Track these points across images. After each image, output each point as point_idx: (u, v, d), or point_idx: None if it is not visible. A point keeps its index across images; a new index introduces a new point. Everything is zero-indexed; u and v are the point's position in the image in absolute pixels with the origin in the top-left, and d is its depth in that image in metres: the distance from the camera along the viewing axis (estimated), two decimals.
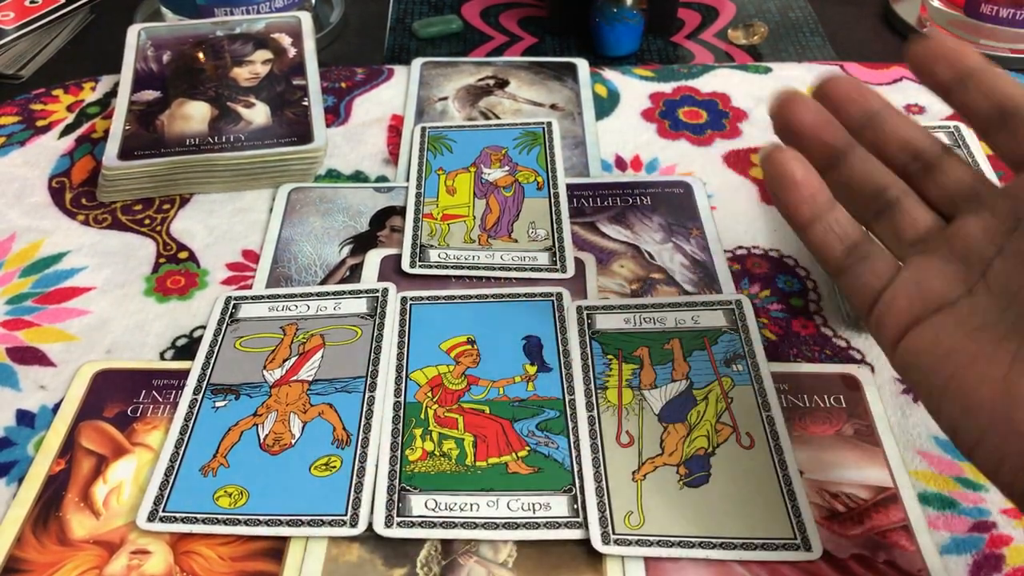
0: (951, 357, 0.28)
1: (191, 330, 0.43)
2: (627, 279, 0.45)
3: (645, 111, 0.56)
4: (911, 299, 0.29)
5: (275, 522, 0.34)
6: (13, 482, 0.36)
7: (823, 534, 0.34)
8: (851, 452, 0.37)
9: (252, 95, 0.54)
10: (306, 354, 0.40)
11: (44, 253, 0.47)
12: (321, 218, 0.48)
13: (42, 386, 0.40)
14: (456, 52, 0.63)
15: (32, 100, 0.57)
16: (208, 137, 0.51)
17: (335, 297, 0.43)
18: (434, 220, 0.47)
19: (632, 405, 0.38)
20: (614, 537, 0.33)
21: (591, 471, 0.36)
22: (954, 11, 0.62)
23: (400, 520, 0.34)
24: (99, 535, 0.34)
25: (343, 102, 0.57)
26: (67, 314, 0.44)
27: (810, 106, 0.32)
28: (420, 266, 0.45)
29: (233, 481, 0.36)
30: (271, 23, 0.59)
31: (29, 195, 0.50)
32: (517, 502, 0.35)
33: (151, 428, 0.38)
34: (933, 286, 0.29)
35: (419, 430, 0.37)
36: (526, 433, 0.37)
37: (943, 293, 0.29)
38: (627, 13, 0.60)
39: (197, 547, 0.34)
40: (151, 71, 0.55)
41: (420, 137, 0.53)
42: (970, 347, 0.28)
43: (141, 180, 0.50)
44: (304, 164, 0.51)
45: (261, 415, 0.38)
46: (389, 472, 0.36)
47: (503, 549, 0.34)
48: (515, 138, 0.53)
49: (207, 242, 0.47)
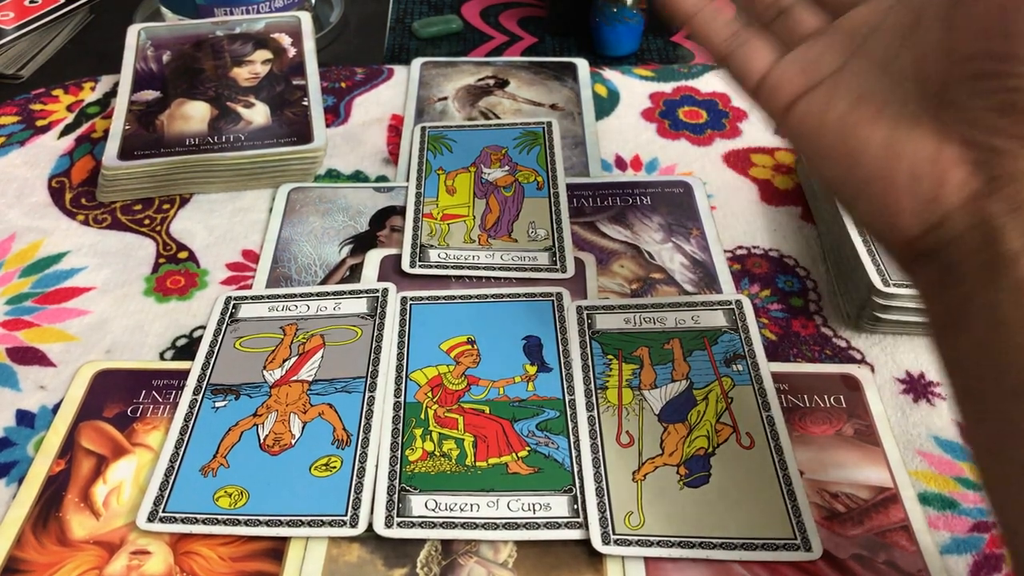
0: (838, 123, 0.30)
1: (191, 330, 0.43)
2: (627, 279, 0.45)
3: (645, 111, 0.56)
4: (796, 73, 0.32)
5: (275, 522, 0.34)
6: (13, 482, 0.36)
7: (823, 534, 0.34)
8: (851, 452, 0.37)
9: (252, 95, 0.54)
10: (306, 354, 0.40)
11: (44, 253, 0.47)
12: (321, 218, 0.48)
13: (42, 386, 0.40)
14: (456, 52, 0.63)
15: (32, 100, 0.57)
16: (208, 137, 0.51)
17: (335, 297, 0.43)
18: (434, 220, 0.47)
19: (632, 405, 0.38)
20: (614, 537, 0.33)
21: (591, 471, 0.35)
22: None
23: (400, 520, 0.34)
24: (99, 535, 0.34)
25: (343, 102, 0.57)
26: (67, 314, 0.44)
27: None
28: (420, 266, 0.45)
29: (233, 481, 0.36)
30: (271, 23, 0.59)
31: (29, 195, 0.50)
32: (517, 502, 0.35)
33: (151, 428, 0.38)
34: (817, 60, 0.32)
35: (419, 430, 0.37)
36: (526, 433, 0.37)
37: (827, 65, 0.31)
38: (627, 13, 0.60)
39: (197, 547, 0.34)
40: (151, 71, 0.55)
41: (420, 137, 0.53)
42: (854, 114, 0.30)
43: (141, 180, 0.49)
44: (304, 164, 0.51)
45: (261, 415, 0.38)
46: (389, 472, 0.36)
47: (503, 549, 0.34)
48: (515, 138, 0.53)
49: (207, 242, 0.47)
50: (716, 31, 0.34)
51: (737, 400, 0.38)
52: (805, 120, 0.32)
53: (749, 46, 0.34)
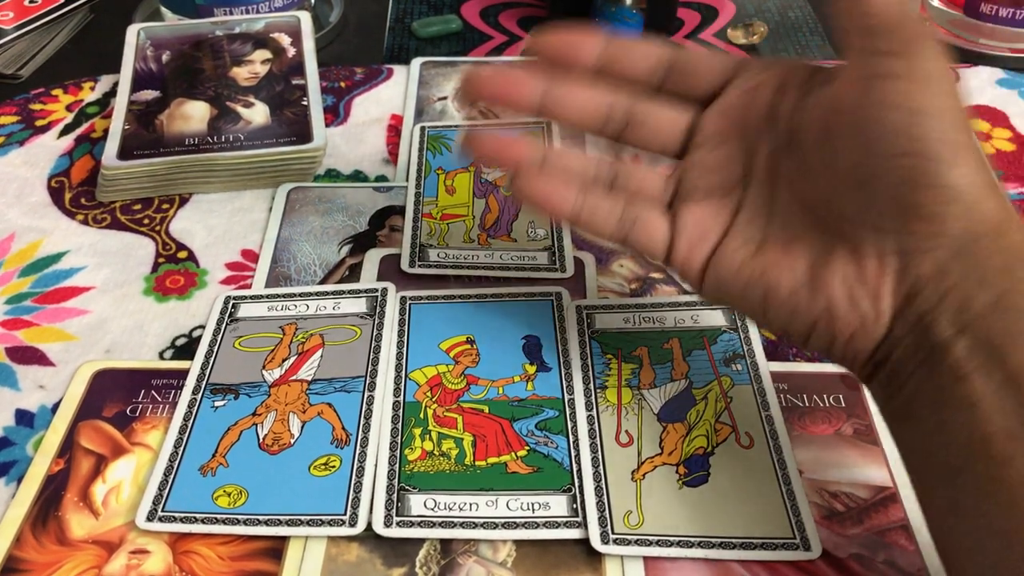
0: (755, 276, 0.31)
1: (190, 330, 0.43)
2: (626, 279, 0.45)
3: None
4: (693, 244, 0.33)
5: (274, 522, 0.34)
6: (12, 482, 0.36)
7: (822, 533, 0.34)
8: (851, 451, 0.37)
9: (251, 95, 0.54)
10: (305, 354, 0.40)
11: (43, 253, 0.47)
12: (320, 218, 0.48)
13: (41, 386, 0.40)
14: (456, 52, 0.63)
15: (31, 100, 0.57)
16: (207, 137, 0.51)
17: (334, 297, 0.43)
18: (433, 220, 0.47)
19: (631, 405, 0.38)
20: (613, 537, 0.33)
21: (590, 471, 0.35)
22: (954, 11, 0.62)
23: (399, 520, 0.34)
24: (98, 535, 0.34)
25: (342, 102, 0.57)
26: (66, 314, 0.44)
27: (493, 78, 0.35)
28: (420, 266, 0.45)
29: (232, 481, 0.36)
30: (270, 23, 0.59)
31: (28, 195, 0.50)
32: (516, 502, 0.35)
33: (150, 428, 0.38)
34: (707, 225, 0.33)
35: (418, 430, 0.37)
36: (525, 433, 0.37)
37: (718, 227, 0.32)
38: (627, 13, 0.59)
39: (196, 547, 0.34)
40: (150, 71, 0.55)
41: (419, 137, 0.53)
42: (763, 262, 0.31)
43: (140, 180, 0.49)
44: (303, 164, 0.51)
45: (260, 415, 0.38)
46: (388, 472, 0.36)
47: (502, 549, 0.34)
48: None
49: (206, 242, 0.47)
50: (603, 221, 0.34)
51: (736, 399, 0.38)
52: (724, 282, 0.32)
53: (640, 223, 0.34)
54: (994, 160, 0.51)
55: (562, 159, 0.35)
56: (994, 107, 0.55)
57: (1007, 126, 0.54)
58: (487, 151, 0.36)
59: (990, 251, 0.27)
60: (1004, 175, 0.50)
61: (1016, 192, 0.49)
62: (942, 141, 0.27)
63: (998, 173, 0.50)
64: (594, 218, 0.34)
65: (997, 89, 0.57)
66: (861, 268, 0.29)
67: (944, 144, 0.27)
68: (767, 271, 0.31)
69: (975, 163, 0.27)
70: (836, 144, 0.29)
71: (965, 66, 0.59)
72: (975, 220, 0.27)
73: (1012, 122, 0.54)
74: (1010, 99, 0.56)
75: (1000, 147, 0.52)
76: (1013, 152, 0.52)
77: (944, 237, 0.27)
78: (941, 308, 0.27)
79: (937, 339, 0.27)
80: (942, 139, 0.27)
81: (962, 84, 0.29)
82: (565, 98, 0.34)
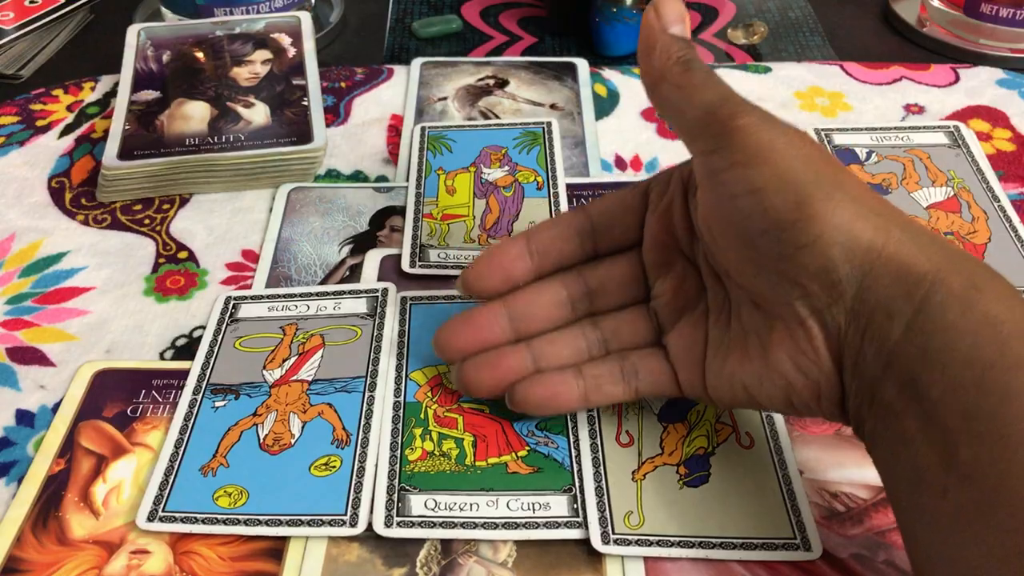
0: (735, 378, 0.32)
1: (191, 330, 0.43)
2: None
3: (645, 111, 0.56)
4: (689, 369, 0.34)
5: (275, 522, 0.34)
6: (13, 482, 0.36)
7: (823, 534, 0.34)
8: (851, 452, 0.37)
9: (252, 95, 0.54)
10: (306, 354, 0.40)
11: (44, 253, 0.47)
12: (321, 218, 0.48)
13: (42, 386, 0.40)
14: (456, 52, 0.63)
15: (32, 100, 0.57)
16: (208, 137, 0.51)
17: (335, 297, 0.43)
18: (434, 220, 0.47)
19: (632, 405, 0.38)
20: (614, 537, 0.33)
21: (591, 471, 0.36)
22: (954, 11, 0.62)
23: (400, 520, 0.34)
24: (99, 535, 0.34)
25: (343, 102, 0.57)
26: (67, 314, 0.44)
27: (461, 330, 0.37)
28: (420, 266, 0.45)
29: (233, 481, 0.36)
30: (271, 23, 0.59)
31: (29, 195, 0.50)
32: (517, 502, 0.35)
33: (151, 428, 0.38)
34: (691, 347, 0.34)
35: (419, 430, 0.37)
36: (526, 433, 0.37)
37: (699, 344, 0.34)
38: (627, 13, 0.60)
39: (197, 547, 0.34)
40: (151, 71, 0.55)
41: (420, 137, 0.53)
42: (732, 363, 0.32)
43: (141, 180, 0.50)
44: (304, 164, 0.51)
45: (261, 415, 0.38)
46: (389, 472, 0.36)
47: (503, 549, 0.34)
48: (515, 138, 0.53)
49: (207, 242, 0.47)
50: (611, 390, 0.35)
51: None
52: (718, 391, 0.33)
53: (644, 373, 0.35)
54: (994, 160, 0.51)
55: (552, 350, 0.36)
56: (994, 107, 0.55)
57: (1007, 126, 0.54)
58: (482, 381, 0.36)
59: (885, 279, 0.27)
60: (1004, 175, 0.50)
61: (1016, 192, 0.49)
62: (791, 204, 0.28)
63: (998, 173, 0.50)
64: (601, 392, 0.35)
65: (997, 89, 0.57)
66: (795, 339, 0.30)
67: (794, 205, 0.28)
68: (736, 370, 0.32)
69: (839, 200, 0.28)
70: (721, 238, 0.31)
71: (965, 66, 0.59)
72: (858, 255, 0.28)
73: (1012, 122, 0.54)
74: (1010, 99, 0.56)
75: (1000, 147, 0.52)
76: (1013, 152, 0.52)
77: (839, 284, 0.28)
78: (864, 349, 0.28)
79: (871, 380, 0.28)
80: (788, 203, 0.28)
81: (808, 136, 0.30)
82: (529, 312, 0.36)
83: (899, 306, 0.27)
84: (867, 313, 0.28)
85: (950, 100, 0.56)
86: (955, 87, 0.57)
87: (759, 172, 0.29)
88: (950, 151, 0.51)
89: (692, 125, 0.31)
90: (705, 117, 0.30)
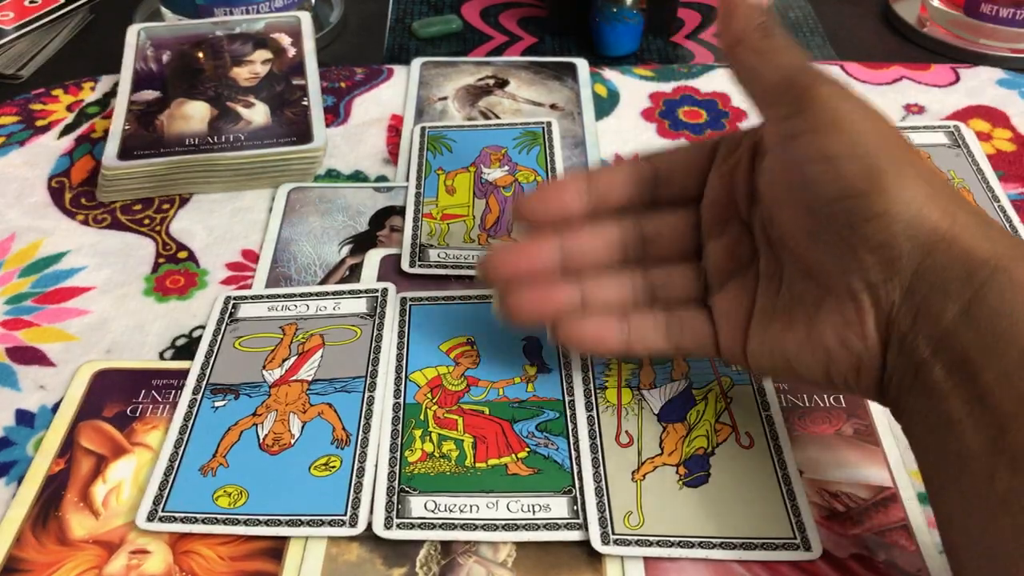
0: (776, 348, 0.32)
1: (191, 330, 0.43)
2: None
3: (645, 111, 0.56)
4: (731, 333, 0.34)
5: (274, 522, 0.34)
6: (12, 482, 0.36)
7: (823, 534, 0.34)
8: (851, 452, 0.37)
9: (252, 95, 0.54)
10: (305, 354, 0.40)
11: (44, 253, 0.47)
12: (321, 218, 0.48)
13: (42, 386, 0.40)
14: (456, 52, 0.63)
15: (32, 100, 0.57)
16: (208, 137, 0.51)
17: (335, 297, 0.43)
18: (434, 220, 0.47)
19: (631, 405, 0.38)
20: (613, 537, 0.33)
21: (590, 471, 0.35)
22: (954, 11, 0.62)
23: (400, 522, 0.34)
24: (98, 535, 0.34)
25: (343, 102, 0.57)
26: (67, 314, 0.44)
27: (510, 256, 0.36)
28: (420, 266, 0.45)
29: (233, 481, 0.36)
30: (271, 23, 0.59)
31: (29, 195, 0.50)
32: (517, 503, 0.35)
33: (150, 428, 0.38)
34: (735, 311, 0.34)
35: (419, 431, 0.37)
36: (526, 434, 0.37)
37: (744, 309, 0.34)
38: (627, 13, 0.59)
39: (196, 547, 0.34)
40: (151, 71, 0.55)
41: (420, 137, 0.53)
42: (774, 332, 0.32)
43: (141, 180, 0.49)
44: (304, 164, 0.51)
45: (260, 415, 0.38)
46: (389, 473, 0.36)
47: (503, 549, 0.34)
48: (515, 138, 0.53)
49: (207, 242, 0.47)
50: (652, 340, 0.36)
51: (736, 399, 0.38)
52: (758, 358, 0.33)
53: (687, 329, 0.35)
54: (994, 160, 0.51)
55: (600, 292, 0.36)
56: (994, 107, 0.55)
57: (1007, 126, 0.54)
58: (526, 307, 0.36)
59: (946, 261, 0.28)
60: (1004, 175, 0.50)
61: (1016, 192, 0.49)
62: (862, 174, 0.28)
63: (999, 173, 0.50)
64: (644, 342, 0.35)
65: (997, 89, 0.57)
66: (844, 313, 0.30)
67: (866, 176, 0.28)
68: (778, 339, 0.32)
69: (909, 177, 0.28)
70: (784, 205, 0.31)
71: (965, 66, 0.59)
72: (922, 234, 0.28)
73: (1012, 122, 0.54)
74: (1010, 99, 0.56)
75: (1000, 147, 0.52)
76: (1013, 152, 0.52)
77: (899, 261, 0.28)
78: (916, 329, 0.28)
79: (919, 361, 0.28)
80: (859, 173, 0.28)
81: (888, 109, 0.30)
82: (582, 250, 0.36)
83: (957, 289, 0.27)
84: (923, 292, 0.28)
85: (950, 100, 0.56)
86: (955, 87, 0.57)
87: (834, 140, 0.29)
88: (950, 151, 0.51)
89: (769, 90, 0.31)
90: (783, 83, 0.30)
